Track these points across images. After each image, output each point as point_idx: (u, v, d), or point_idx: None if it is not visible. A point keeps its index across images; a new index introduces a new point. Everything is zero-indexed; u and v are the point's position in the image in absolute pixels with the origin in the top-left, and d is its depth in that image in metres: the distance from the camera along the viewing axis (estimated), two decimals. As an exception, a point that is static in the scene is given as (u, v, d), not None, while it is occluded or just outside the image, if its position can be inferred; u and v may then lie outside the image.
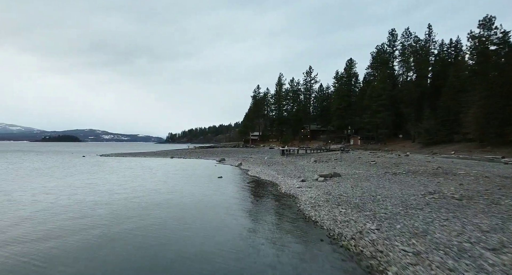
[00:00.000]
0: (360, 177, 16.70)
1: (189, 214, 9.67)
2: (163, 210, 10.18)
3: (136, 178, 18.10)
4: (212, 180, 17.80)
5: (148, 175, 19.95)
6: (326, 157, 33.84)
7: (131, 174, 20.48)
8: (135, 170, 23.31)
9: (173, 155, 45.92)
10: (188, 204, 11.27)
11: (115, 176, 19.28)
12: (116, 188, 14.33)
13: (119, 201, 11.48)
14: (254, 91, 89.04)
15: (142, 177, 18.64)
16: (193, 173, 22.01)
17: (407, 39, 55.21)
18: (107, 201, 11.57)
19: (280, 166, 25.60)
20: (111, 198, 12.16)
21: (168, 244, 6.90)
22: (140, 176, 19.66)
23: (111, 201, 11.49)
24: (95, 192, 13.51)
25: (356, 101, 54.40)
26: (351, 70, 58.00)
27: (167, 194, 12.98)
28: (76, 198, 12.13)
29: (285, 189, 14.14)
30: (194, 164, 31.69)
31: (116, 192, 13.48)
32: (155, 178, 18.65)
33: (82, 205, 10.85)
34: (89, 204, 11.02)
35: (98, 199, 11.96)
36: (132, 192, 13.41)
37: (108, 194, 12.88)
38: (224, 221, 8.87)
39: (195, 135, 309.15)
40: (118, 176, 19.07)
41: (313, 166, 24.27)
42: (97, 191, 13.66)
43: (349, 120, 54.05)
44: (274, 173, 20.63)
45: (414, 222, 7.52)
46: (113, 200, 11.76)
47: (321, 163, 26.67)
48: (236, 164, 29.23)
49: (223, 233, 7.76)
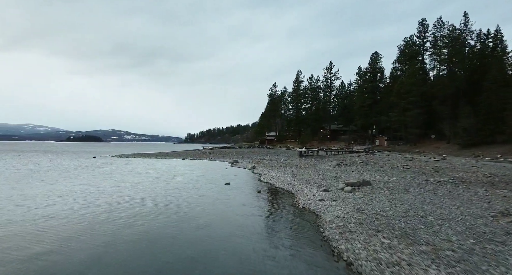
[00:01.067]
0: (396, 186, 13.83)
1: (164, 251, 6.82)
2: (128, 244, 7.10)
3: (133, 185, 16.22)
4: (218, 188, 15.56)
5: (149, 181, 18.07)
6: (349, 160, 30.73)
7: (130, 179, 18.69)
8: (138, 174, 21.59)
9: (185, 156, 44.44)
10: (172, 231, 8.55)
11: (111, 182, 17.55)
12: (101, 199, 12.33)
13: (85, 220, 9.17)
14: (270, 89, 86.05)
15: (141, 184, 16.74)
16: (200, 178, 19.91)
17: (440, 29, 50.48)
18: (71, 220, 9.26)
19: (297, 170, 22.99)
20: (82, 214, 9.99)
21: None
22: (140, 182, 17.81)
23: (76, 221, 9.19)
24: (72, 203, 11.64)
25: (382, 98, 50.28)
26: (376, 64, 53.77)
27: (155, 212, 10.60)
28: (43, 212, 10.27)
29: (303, 202, 11.61)
30: (205, 166, 29.75)
31: (97, 204, 11.51)
32: (155, 184, 16.71)
33: (40, 224, 8.81)
34: (49, 222, 8.97)
35: (67, 213, 10.09)
36: (114, 207, 11.15)
37: (83, 208, 10.81)
38: (211, 264, 6.15)
39: (213, 135, 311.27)
40: (115, 182, 17.31)
41: (336, 171, 21.46)
42: (76, 202, 11.80)
43: (374, 119, 50.03)
44: (291, 179, 18.09)
45: (506, 270, 4.84)
46: (81, 218, 9.50)
47: (345, 167, 23.75)
48: (249, 167, 26.93)
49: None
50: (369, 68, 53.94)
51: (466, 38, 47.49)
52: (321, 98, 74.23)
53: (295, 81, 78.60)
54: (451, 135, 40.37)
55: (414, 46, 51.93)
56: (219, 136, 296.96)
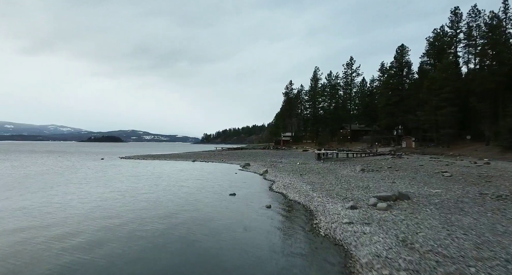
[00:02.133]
0: (444, 202, 10.95)
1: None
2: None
3: (123, 196, 14.21)
4: (220, 201, 13.22)
5: (144, 190, 16.07)
6: (374, 164, 27.57)
7: (125, 187, 16.78)
8: (138, 180, 19.71)
9: (196, 158, 42.66)
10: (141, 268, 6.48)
11: (101, 190, 15.67)
12: (69, 220, 10.13)
13: (28, 247, 7.22)
14: (286, 88, 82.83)
15: (132, 194, 14.74)
16: (204, 185, 17.68)
17: (475, 18, 45.73)
18: (15, 247, 7.37)
19: (316, 176, 20.28)
20: (34, 238, 8.00)
21: None
22: (133, 191, 15.87)
23: (18, 247, 7.26)
24: (30, 221, 9.66)
25: (409, 95, 46.09)
26: (402, 58, 49.40)
27: (128, 237, 8.45)
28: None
29: (325, 224, 9.03)
30: (214, 170, 27.60)
31: (60, 223, 9.49)
32: (149, 194, 14.65)
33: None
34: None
35: (8, 237, 8.00)
36: (75, 230, 9.08)
37: (36, 230, 8.78)
38: None
39: (229, 136, 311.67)
40: (105, 191, 15.42)
41: (361, 178, 18.58)
42: (36, 220, 9.79)
43: (401, 118, 45.99)
44: (308, 188, 15.47)
45: None
46: (17, 246, 7.55)
47: (372, 174, 20.78)
48: (260, 172, 24.47)
49: None
50: (395, 63, 49.69)
51: (507, 27, 42.60)
52: (341, 96, 70.26)
53: (312, 78, 75.09)
54: (491, 136, 35.97)
55: (445, 38, 47.38)
56: (235, 136, 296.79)
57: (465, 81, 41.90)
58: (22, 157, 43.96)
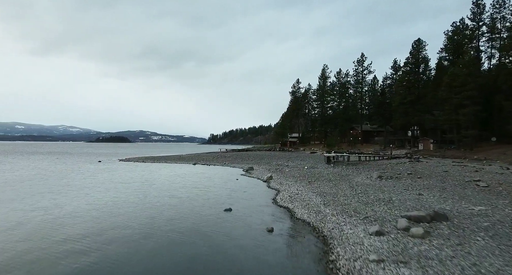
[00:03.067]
0: (497, 227, 8.57)
1: None
2: None
3: (100, 211, 12.26)
4: (212, 219, 11.08)
5: (129, 201, 14.14)
6: (391, 169, 25.00)
7: (108, 199, 14.88)
8: (126, 189, 17.77)
9: (197, 160, 40.69)
10: None
11: (79, 202, 13.82)
12: (14, 241, 8.15)
13: None
14: (293, 87, 79.95)
15: (111, 209, 12.79)
16: (198, 195, 15.59)
17: (499, 9, 42.47)
18: None
19: (326, 184, 17.94)
20: None
21: None
22: (116, 204, 13.96)
23: None
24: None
25: (427, 93, 43.01)
26: (419, 54, 46.25)
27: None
28: None
29: (345, 263, 6.75)
30: (214, 175, 25.48)
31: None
32: (131, 208, 12.69)
33: None
34: None
35: None
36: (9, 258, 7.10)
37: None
38: None
39: (235, 136, 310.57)
40: (84, 203, 13.57)
41: (380, 187, 16.18)
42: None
43: (417, 118, 42.98)
44: (319, 200, 13.19)
45: None
46: None
47: (391, 181, 18.30)
48: (264, 178, 22.22)
49: None
50: (411, 59, 46.58)
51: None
52: (351, 95, 67.26)
53: (321, 76, 72.21)
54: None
55: (466, 31, 44.18)
56: (241, 137, 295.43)
57: (488, 78, 38.71)
58: (19, 160, 42.81)
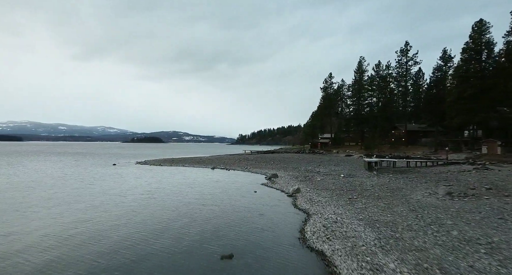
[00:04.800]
0: None
1: None
2: None
3: (67, 238, 8.59)
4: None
5: (108, 225, 10.51)
6: (458, 181, 19.15)
7: (89, 217, 11.37)
8: (119, 202, 14.45)
9: (218, 164, 37.15)
10: None
11: (54, 220, 10.44)
12: None
13: None
14: (325, 82, 73.31)
15: (79, 240, 9.11)
16: (199, 220, 11.52)
17: None
18: None
19: (375, 203, 13.02)
20: None
21: None
22: (92, 229, 10.31)
23: None
24: None
25: (493, 85, 35.13)
26: (481, 37, 38.12)
27: None
28: None
29: None
30: (230, 184, 21.45)
31: None
32: (102, 238, 8.86)
33: None
34: None
35: None
36: None
37: None
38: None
39: (264, 136, 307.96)
40: (60, 224, 10.10)
41: (457, 211, 11.07)
42: None
43: (480, 116, 35.30)
44: (371, 238, 8.57)
45: None
46: None
47: (468, 202, 12.88)
48: (290, 190, 17.68)
49: None
50: (471, 44, 38.67)
51: None
52: (393, 90, 59.71)
53: (357, 70, 65.26)
54: None
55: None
56: (270, 137, 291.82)
57: None
58: (34, 161, 42.59)
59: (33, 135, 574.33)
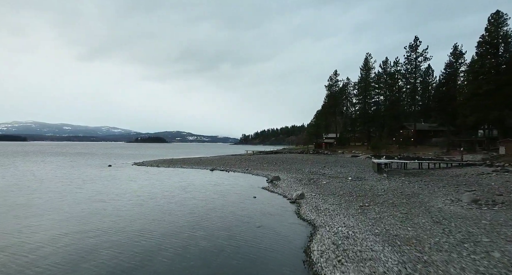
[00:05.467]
0: None
1: None
2: None
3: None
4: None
5: (68, 253, 8.86)
6: (480, 186, 17.32)
7: (48, 237, 9.76)
8: (104, 210, 12.82)
9: (218, 165, 35.58)
10: None
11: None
12: None
13: None
14: (329, 79, 71.19)
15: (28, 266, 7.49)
16: (185, 233, 9.92)
17: None
18: None
19: (391, 212, 11.30)
20: None
21: None
22: (47, 253, 8.68)
23: None
24: None
25: (510, 81, 32.90)
26: (498, 31, 35.87)
27: None
28: None
29: None
30: (228, 187, 19.82)
31: None
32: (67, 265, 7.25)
33: None
34: None
35: None
36: None
37: None
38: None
39: (267, 136, 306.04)
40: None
41: (491, 224, 9.41)
42: None
43: (497, 114, 33.08)
44: (393, 261, 6.90)
45: None
46: None
47: (500, 211, 11.09)
48: (293, 196, 16.02)
49: None
50: (486, 37, 36.44)
51: None
52: (401, 88, 57.53)
53: (363, 67, 63.12)
54: None
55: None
56: (273, 137, 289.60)
57: None
58: (31, 162, 41.38)
59: (38, 135, 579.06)
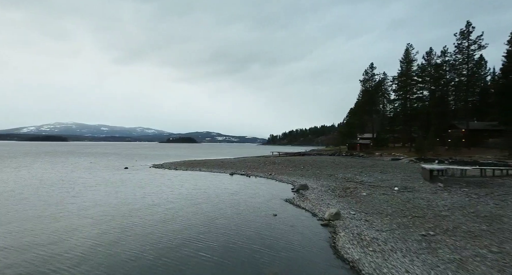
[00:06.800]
0: None
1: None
2: None
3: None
4: None
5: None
6: None
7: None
8: (85, 230, 10.29)
9: (239, 168, 32.69)
10: None
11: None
12: None
13: None
14: (365, 73, 65.04)
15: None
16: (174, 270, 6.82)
17: None
18: None
19: (475, 250, 7.19)
20: None
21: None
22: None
23: None
24: None
25: None
26: None
27: None
28: None
29: None
30: (244, 199, 16.60)
31: None
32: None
33: None
34: None
35: None
36: None
37: None
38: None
39: (295, 137, 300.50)
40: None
41: None
42: None
43: None
44: None
45: None
46: None
47: None
48: (326, 215, 12.42)
49: None
50: None
51: None
52: (450, 81, 50.52)
53: (404, 59, 56.63)
54: None
55: None
56: (302, 137, 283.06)
57: None
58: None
59: (78, 136, 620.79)
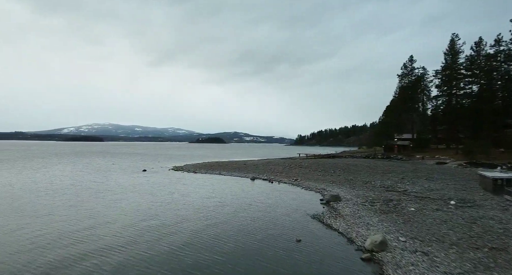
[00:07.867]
0: None
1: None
2: None
3: None
4: None
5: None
6: None
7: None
8: (81, 242, 8.28)
9: (262, 172, 30.17)
10: None
11: None
12: None
13: None
14: (403, 67, 58.97)
15: None
16: None
17: None
18: None
19: None
20: None
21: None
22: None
23: None
24: None
25: None
26: None
27: None
28: None
29: None
30: (263, 214, 14.01)
31: None
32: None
33: None
34: None
35: None
36: None
37: None
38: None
39: (324, 137, 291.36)
40: None
41: None
42: None
43: None
44: None
45: None
46: None
47: None
48: (366, 243, 9.43)
49: None
50: None
51: None
52: (506, 73, 43.83)
53: (448, 51, 50.36)
54: None
55: None
56: (331, 138, 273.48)
57: None
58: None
59: (113, 136, 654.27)
